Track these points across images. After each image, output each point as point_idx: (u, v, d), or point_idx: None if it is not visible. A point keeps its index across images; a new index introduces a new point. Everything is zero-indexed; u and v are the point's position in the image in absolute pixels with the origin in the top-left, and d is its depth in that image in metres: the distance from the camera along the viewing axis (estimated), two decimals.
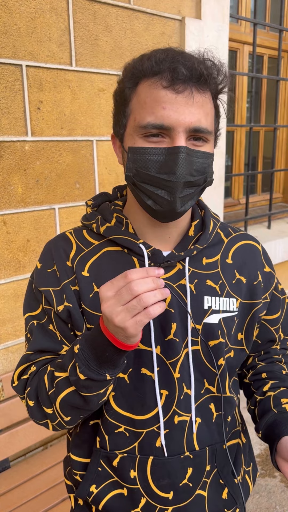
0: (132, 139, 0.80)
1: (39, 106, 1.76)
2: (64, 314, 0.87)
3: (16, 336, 1.87)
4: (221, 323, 0.89)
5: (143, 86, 0.78)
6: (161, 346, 0.86)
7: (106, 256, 0.88)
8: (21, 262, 1.83)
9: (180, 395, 0.87)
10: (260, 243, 1.02)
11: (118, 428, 0.88)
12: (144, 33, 2.05)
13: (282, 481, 2.26)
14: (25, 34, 1.66)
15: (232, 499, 0.95)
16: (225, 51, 2.41)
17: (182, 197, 0.78)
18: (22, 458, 2.00)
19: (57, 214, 1.90)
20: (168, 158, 0.76)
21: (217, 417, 0.92)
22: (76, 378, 0.75)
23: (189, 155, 0.76)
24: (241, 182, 3.37)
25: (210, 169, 0.81)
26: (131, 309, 0.66)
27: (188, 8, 2.22)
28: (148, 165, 0.77)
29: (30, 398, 0.88)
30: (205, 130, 0.77)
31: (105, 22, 1.89)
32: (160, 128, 0.75)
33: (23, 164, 1.75)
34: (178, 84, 0.74)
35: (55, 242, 0.93)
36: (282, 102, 3.53)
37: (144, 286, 0.66)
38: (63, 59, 1.79)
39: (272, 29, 3.25)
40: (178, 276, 0.87)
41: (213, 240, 0.94)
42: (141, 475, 0.88)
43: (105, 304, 0.68)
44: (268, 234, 3.19)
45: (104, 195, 0.99)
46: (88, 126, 1.93)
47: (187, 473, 0.89)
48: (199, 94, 0.76)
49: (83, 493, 0.90)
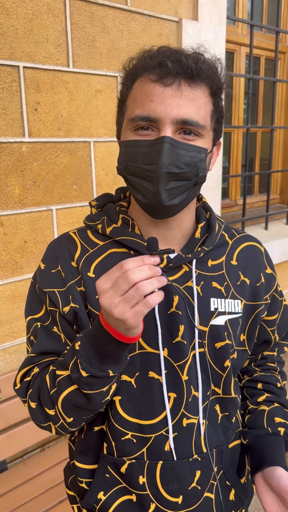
0: (124, 133, 0.82)
1: (36, 107, 1.76)
2: (70, 315, 0.86)
3: (13, 337, 1.87)
4: (227, 324, 0.89)
5: (136, 83, 0.80)
6: (168, 348, 0.85)
7: (112, 257, 0.87)
8: (18, 263, 1.83)
9: (188, 398, 0.86)
10: (262, 245, 1.02)
11: (125, 435, 0.86)
12: (141, 35, 2.05)
13: None
14: (22, 35, 1.66)
15: (239, 500, 0.95)
16: (222, 53, 2.42)
17: (169, 190, 0.77)
18: (19, 460, 1.99)
19: (54, 215, 1.90)
20: (152, 149, 0.76)
21: (222, 418, 0.92)
22: (78, 376, 0.74)
23: (174, 146, 0.75)
24: (238, 183, 3.38)
25: (203, 164, 0.80)
26: (129, 299, 0.65)
27: (185, 10, 2.23)
28: (136, 157, 0.78)
29: (32, 399, 0.86)
30: (195, 123, 0.76)
31: (102, 23, 1.89)
32: (148, 120, 0.76)
33: (20, 165, 1.75)
34: (166, 77, 0.75)
35: (59, 242, 0.91)
36: (279, 104, 3.54)
37: (140, 274, 0.65)
38: (60, 60, 1.79)
39: (269, 31, 3.26)
40: (184, 278, 0.87)
41: (218, 242, 0.94)
42: (150, 480, 0.86)
43: (103, 296, 0.67)
44: (265, 235, 3.20)
45: (108, 196, 0.98)
46: (85, 128, 1.93)
47: (195, 476, 0.88)
48: (189, 88, 0.76)
49: (91, 500, 0.88)
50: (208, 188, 2.54)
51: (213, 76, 0.80)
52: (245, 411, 1.01)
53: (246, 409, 1.01)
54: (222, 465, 0.92)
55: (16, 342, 1.87)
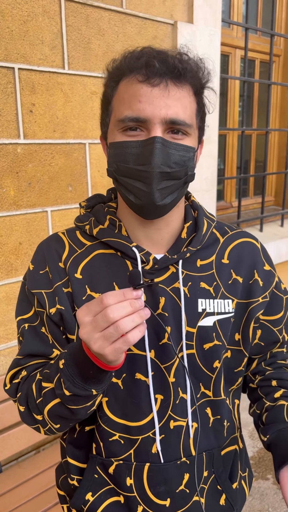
0: (112, 134, 0.81)
1: (32, 109, 1.76)
2: (56, 316, 0.86)
3: (8, 339, 1.86)
4: (215, 325, 0.88)
5: (122, 83, 0.80)
6: (155, 350, 0.85)
7: (98, 258, 0.87)
8: (13, 265, 1.82)
9: (175, 400, 0.86)
10: (259, 241, 1.00)
11: (112, 436, 0.86)
12: (137, 37, 2.06)
13: (275, 483, 2.26)
14: (18, 37, 1.66)
15: (229, 505, 0.94)
16: (217, 55, 2.43)
17: (161, 189, 0.77)
18: (14, 462, 1.98)
19: (49, 217, 1.90)
20: (144, 149, 0.76)
21: (214, 422, 0.91)
22: (62, 393, 0.75)
23: (165, 146, 0.76)
24: (234, 185, 3.39)
25: (191, 162, 0.81)
26: (108, 337, 0.64)
27: (180, 13, 2.24)
28: (127, 158, 0.78)
29: (21, 403, 0.87)
30: (182, 122, 0.77)
31: (97, 25, 1.89)
32: (137, 121, 0.76)
33: (15, 167, 1.75)
34: (153, 78, 0.75)
35: (48, 243, 0.91)
36: (273, 106, 3.56)
37: (120, 311, 0.63)
38: (56, 62, 1.79)
39: (264, 34, 3.28)
40: (171, 279, 0.86)
41: (208, 240, 0.92)
42: (137, 482, 0.86)
43: (83, 330, 0.66)
44: (261, 237, 3.21)
45: (98, 197, 0.98)
46: (80, 129, 1.93)
47: (183, 479, 0.87)
48: (176, 87, 0.77)
49: (79, 501, 0.88)
50: (203, 190, 2.54)
51: (197, 75, 0.81)
52: (262, 410, 0.97)
53: (263, 407, 0.97)
54: (213, 469, 0.91)
55: (10, 344, 1.87)
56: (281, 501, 2.15)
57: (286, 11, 3.42)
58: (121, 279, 0.85)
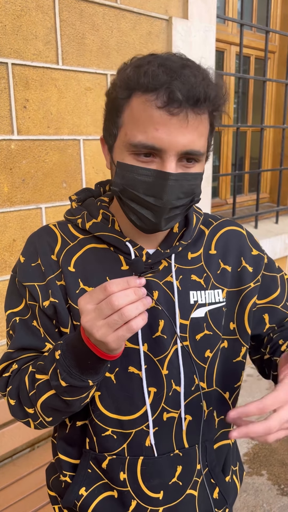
0: (121, 153, 0.77)
1: (25, 104, 1.74)
2: (50, 310, 0.85)
3: (2, 336, 1.85)
4: (207, 316, 0.89)
5: (136, 100, 0.73)
6: (148, 343, 0.85)
7: (91, 252, 0.87)
8: (7, 262, 1.81)
9: (168, 392, 0.86)
10: (245, 228, 1.00)
11: (105, 431, 0.87)
12: (131, 33, 2.04)
13: (269, 479, 2.28)
14: (11, 32, 1.65)
15: (223, 498, 0.95)
16: (212, 52, 2.42)
17: (167, 218, 0.78)
18: (8, 460, 1.98)
19: (43, 213, 1.89)
20: (156, 181, 0.74)
21: (208, 414, 0.92)
22: (58, 384, 0.74)
23: (178, 180, 0.74)
24: (228, 182, 3.39)
25: (198, 189, 0.80)
26: (112, 324, 0.64)
27: (175, 8, 2.23)
28: (136, 184, 0.75)
29: (12, 397, 0.86)
30: (197, 153, 0.75)
31: (92, 20, 1.88)
32: (151, 149, 0.73)
33: (9, 163, 1.73)
34: (173, 105, 0.70)
35: (39, 235, 0.90)
36: (268, 103, 3.56)
37: (125, 299, 0.63)
38: (50, 57, 1.77)
39: (259, 30, 3.27)
40: (164, 273, 0.87)
41: (197, 234, 0.93)
42: (131, 476, 0.87)
43: (85, 318, 0.66)
44: (255, 234, 3.21)
45: (87, 191, 0.97)
46: (75, 125, 1.92)
47: (176, 471, 0.88)
48: (195, 116, 0.72)
49: (72, 497, 0.88)
50: None
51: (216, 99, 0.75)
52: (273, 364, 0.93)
53: (276, 362, 0.92)
54: (207, 462, 0.92)
55: (3, 342, 1.86)
56: (275, 497, 2.16)
57: (281, 8, 3.42)
58: (114, 274, 0.85)
